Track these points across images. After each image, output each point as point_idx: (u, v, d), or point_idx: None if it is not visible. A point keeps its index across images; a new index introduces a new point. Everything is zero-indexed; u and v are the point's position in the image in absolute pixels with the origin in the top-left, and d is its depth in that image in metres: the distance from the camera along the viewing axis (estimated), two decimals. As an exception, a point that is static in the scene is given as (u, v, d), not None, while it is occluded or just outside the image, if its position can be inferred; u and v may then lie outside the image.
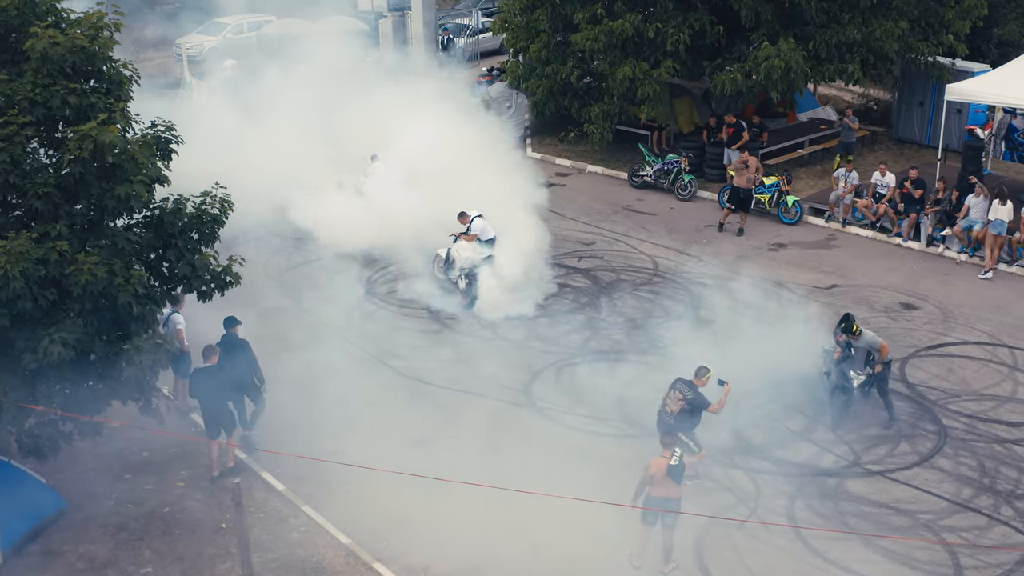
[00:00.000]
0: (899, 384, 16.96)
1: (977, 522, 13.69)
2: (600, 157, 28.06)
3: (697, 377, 14.07)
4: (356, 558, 12.90)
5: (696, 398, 13.93)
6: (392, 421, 15.81)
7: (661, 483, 12.37)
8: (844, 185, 23.08)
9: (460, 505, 13.46)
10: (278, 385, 16.58)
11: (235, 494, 10.77)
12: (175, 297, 14.52)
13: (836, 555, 13.01)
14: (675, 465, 12.30)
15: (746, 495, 14.21)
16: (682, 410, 13.92)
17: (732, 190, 23.33)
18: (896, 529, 13.50)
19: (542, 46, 27.55)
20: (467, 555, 12.91)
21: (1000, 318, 19.21)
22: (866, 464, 14.93)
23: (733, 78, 24.49)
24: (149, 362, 11.85)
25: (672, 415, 13.94)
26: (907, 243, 22.29)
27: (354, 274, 20.89)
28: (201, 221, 13.03)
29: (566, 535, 13.15)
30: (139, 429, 15.22)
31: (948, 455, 15.13)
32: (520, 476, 14.25)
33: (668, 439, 12.50)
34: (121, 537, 13.19)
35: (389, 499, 13.85)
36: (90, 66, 12.12)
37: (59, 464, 14.45)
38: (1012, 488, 14.37)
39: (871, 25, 24.81)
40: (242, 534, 10.95)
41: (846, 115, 26.65)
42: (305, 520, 13.62)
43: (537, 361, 17.70)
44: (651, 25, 25.00)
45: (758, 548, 13.12)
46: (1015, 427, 15.79)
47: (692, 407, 13.92)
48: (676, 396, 14.01)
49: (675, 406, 13.97)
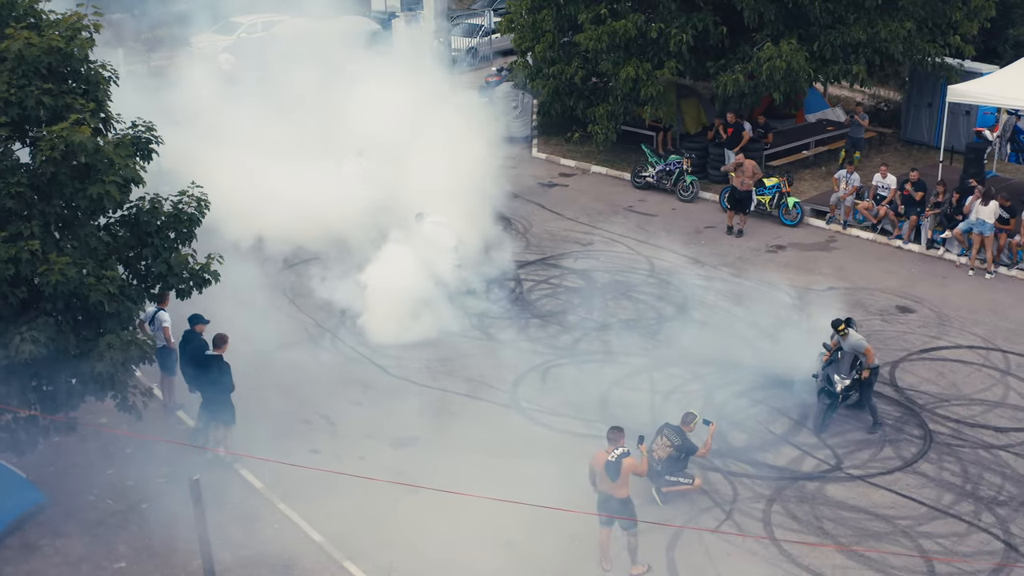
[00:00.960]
0: (888, 388, 16.84)
1: (956, 528, 13.54)
2: (604, 158, 28.00)
3: (684, 423, 14.08)
4: (328, 556, 12.96)
5: (684, 444, 13.92)
6: (375, 420, 15.92)
7: (602, 478, 12.42)
8: (845, 187, 22.91)
9: (434, 505, 13.55)
10: (265, 381, 16.85)
11: (194, 490, 10.81)
12: (161, 295, 14.75)
13: (809, 560, 12.93)
14: (612, 461, 12.28)
15: (723, 498, 14.14)
16: (670, 456, 13.90)
17: (731, 191, 23.25)
18: (873, 535, 13.39)
19: (547, 46, 27.56)
20: (438, 555, 12.96)
21: (996, 322, 19.01)
22: (847, 469, 14.81)
23: (735, 79, 24.37)
24: (120, 359, 11.95)
25: (660, 461, 13.90)
26: (907, 246, 22.10)
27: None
28: (178, 220, 13.17)
29: (538, 536, 13.21)
30: (125, 425, 15.58)
31: (932, 460, 14.99)
32: (497, 476, 14.42)
33: (614, 435, 12.47)
34: (98, 532, 13.33)
35: (365, 498, 13.93)
36: (66, 67, 12.25)
37: (44, 459, 14.72)
38: (994, 494, 14.21)
39: (876, 26, 24.62)
40: (202, 531, 11.01)
41: (856, 112, 26.41)
42: (280, 518, 13.70)
43: (524, 362, 17.70)
44: (654, 26, 24.94)
45: (730, 552, 13.06)
46: (1003, 432, 15.62)
47: (680, 452, 13.91)
48: (664, 443, 13.98)
49: (663, 452, 13.94)
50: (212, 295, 14.65)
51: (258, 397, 16.38)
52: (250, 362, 17.21)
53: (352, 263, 19.88)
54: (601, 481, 12.45)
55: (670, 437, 13.95)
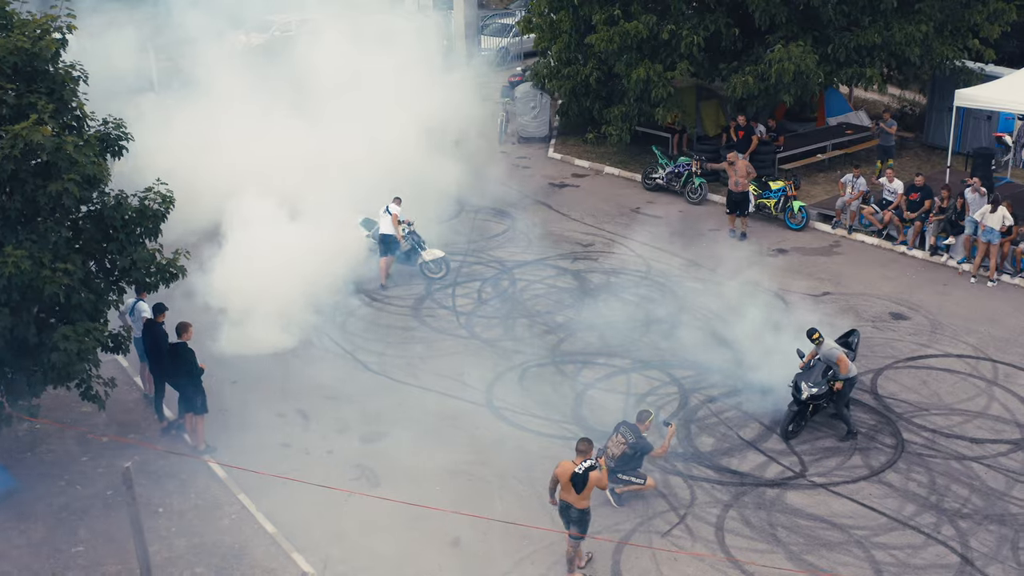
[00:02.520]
0: (867, 395, 16.64)
1: (913, 540, 13.36)
2: (619, 159, 27.96)
3: (640, 421, 14.03)
4: (277, 547, 13.19)
5: (639, 442, 13.86)
6: (348, 415, 16.14)
7: (566, 488, 12.40)
8: (851, 191, 22.62)
9: (387, 501, 13.74)
10: (248, 374, 17.18)
11: (126, 477, 11.10)
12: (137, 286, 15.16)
13: (757, 568, 12.83)
14: (579, 474, 12.24)
15: (679, 502, 14.10)
16: (624, 454, 13.86)
17: (728, 194, 23.02)
18: (825, 544, 13.26)
19: (563, 47, 27.61)
20: (385, 550, 13.12)
21: (991, 330, 18.65)
22: (811, 476, 14.68)
23: (745, 81, 24.18)
24: (75, 349, 12.32)
25: (614, 458, 13.87)
26: (911, 252, 21.75)
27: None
28: (143, 216, 13.52)
29: (485, 535, 13.33)
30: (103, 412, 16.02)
31: (900, 470, 14.78)
32: (457, 474, 14.60)
33: (583, 446, 12.44)
34: (62, 516, 13.71)
35: (323, 492, 14.12)
36: (32, 67, 12.65)
37: (24, 445, 15.24)
38: (959, 507, 13.98)
39: (892, 29, 24.25)
40: (134, 516, 11.29)
41: (883, 118, 25.99)
42: (238, 508, 13.97)
43: (505, 361, 17.80)
44: (666, 27, 24.86)
45: (678, 557, 13.03)
46: (978, 444, 15.35)
47: (635, 451, 13.86)
48: (619, 440, 13.95)
49: (617, 450, 13.91)
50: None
51: (239, 389, 16.76)
52: (236, 355, 17.72)
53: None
54: (564, 490, 12.46)
55: (625, 435, 13.92)
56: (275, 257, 18.65)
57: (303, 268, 18.94)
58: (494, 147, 29.32)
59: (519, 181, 26.79)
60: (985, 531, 13.50)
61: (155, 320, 15.33)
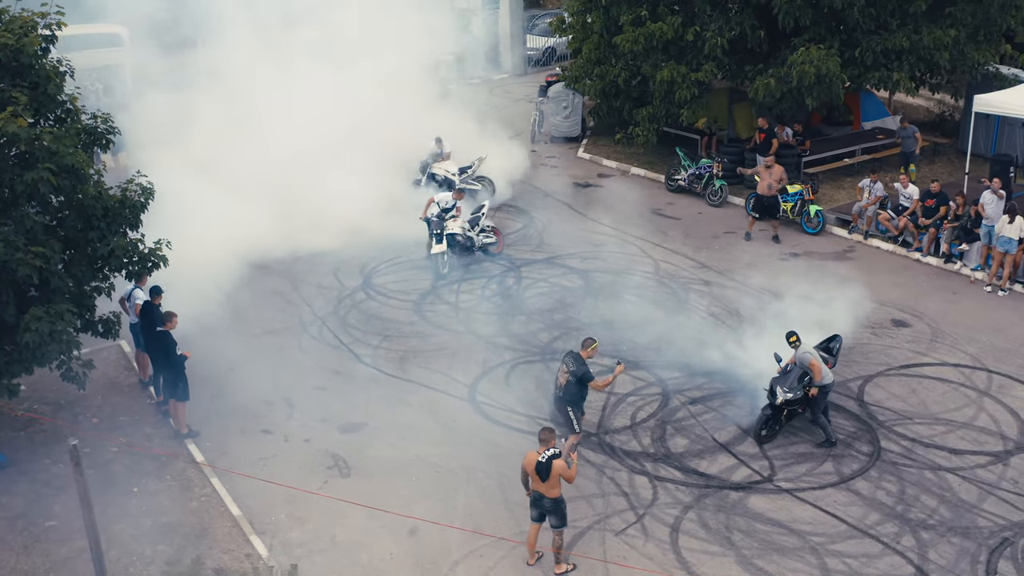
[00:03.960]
0: (852, 402, 16.47)
1: (870, 549, 13.22)
2: (646, 160, 27.94)
3: (583, 348, 14.51)
4: (238, 529, 13.61)
5: (579, 370, 14.30)
6: (333, 405, 16.51)
7: (534, 478, 12.59)
8: (868, 196, 22.30)
9: (354, 490, 14.19)
10: (245, 362, 17.65)
11: (73, 454, 11.56)
12: (138, 274, 15.75)
13: (705, 569, 12.85)
14: (542, 462, 12.45)
15: (641, 501, 14.15)
16: (568, 382, 14.33)
17: (756, 198, 22.92)
18: (778, 549, 13.20)
19: (593, 47, 27.68)
20: (344, 536, 13.44)
21: (993, 340, 18.27)
22: (778, 481, 14.61)
23: (767, 83, 23.98)
24: (47, 330, 12.89)
25: (560, 388, 14.41)
26: (925, 258, 21.37)
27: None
28: (124, 206, 14.06)
29: (446, 515, 13.63)
30: (99, 396, 16.69)
31: (871, 478, 14.61)
32: (426, 466, 14.88)
33: (545, 435, 12.64)
34: (42, 492, 14.29)
35: (294, 479, 14.56)
36: (15, 62, 13.26)
37: (18, 424, 15.92)
38: (925, 518, 13.78)
39: (920, 32, 23.82)
40: (83, 492, 11.76)
41: (902, 124, 25.58)
42: (209, 491, 14.42)
43: (496, 357, 18.00)
44: (690, 28, 24.78)
45: (627, 556, 13.08)
46: (957, 455, 15.09)
47: (576, 379, 14.30)
48: (563, 369, 14.43)
49: (562, 379, 14.42)
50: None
51: (233, 377, 17.18)
52: (237, 343, 18.26)
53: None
54: (534, 482, 12.67)
55: (568, 363, 14.38)
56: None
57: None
58: (526, 146, 29.50)
59: (544, 180, 26.96)
60: (947, 543, 13.30)
61: (151, 302, 15.89)
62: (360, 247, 22.24)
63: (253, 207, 22.34)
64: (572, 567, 12.92)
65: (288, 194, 22.93)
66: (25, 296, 13.45)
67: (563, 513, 12.74)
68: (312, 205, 22.83)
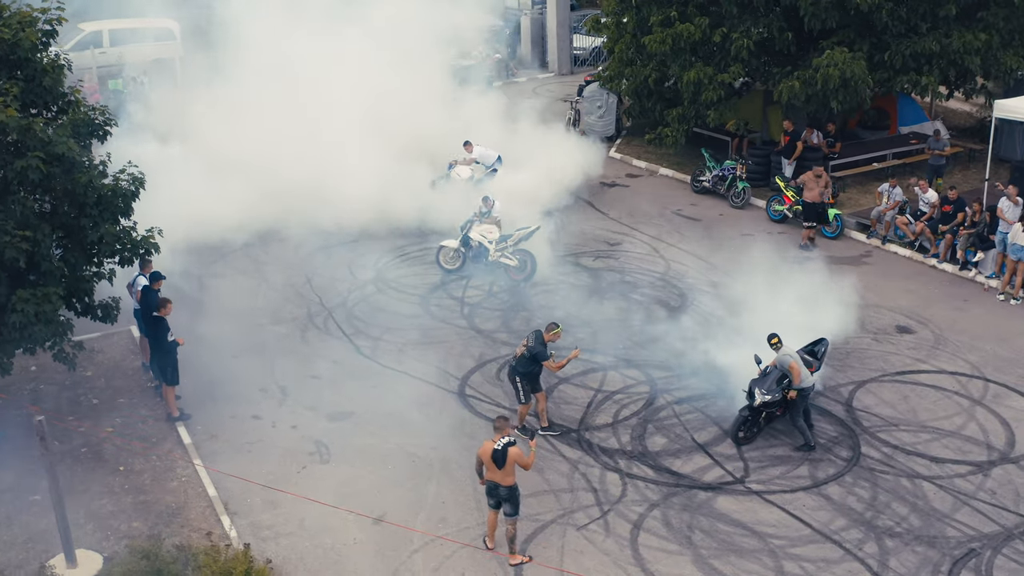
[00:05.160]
0: (839, 407, 16.33)
1: (830, 555, 13.14)
2: (675, 160, 27.88)
3: (546, 331, 15.21)
4: (212, 510, 14.08)
5: (535, 348, 15.03)
6: (324, 394, 16.91)
7: (489, 466, 12.82)
8: (886, 201, 21.99)
9: (330, 476, 14.63)
10: (248, 349, 18.17)
11: (39, 429, 12.10)
12: (144, 261, 16.40)
13: (659, 567, 12.91)
14: (498, 450, 12.67)
15: (609, 497, 14.25)
16: (522, 355, 15.08)
17: (806, 207, 22.51)
18: (736, 551, 13.20)
19: (625, 47, 27.70)
20: (313, 522, 13.77)
21: (997, 349, 17.92)
22: (750, 483, 14.58)
23: (791, 86, 23.76)
24: (32, 311, 13.49)
25: (515, 359, 15.21)
26: (941, 265, 21.01)
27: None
28: (115, 195, 14.62)
29: (411, 514, 13.89)
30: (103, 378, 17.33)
31: (845, 484, 14.50)
32: (403, 455, 15.18)
33: (500, 423, 12.89)
34: (32, 468, 14.81)
35: (274, 464, 15.01)
36: (13, 55, 13.89)
37: (22, 401, 16.63)
38: (892, 525, 13.64)
39: (951, 36, 23.38)
40: (50, 467, 12.31)
41: (935, 136, 25.03)
42: (191, 472, 14.91)
43: (492, 352, 18.23)
44: (718, 30, 24.68)
45: (584, 550, 13.21)
46: (937, 463, 14.88)
47: (531, 355, 15.02)
48: (524, 343, 15.20)
49: (520, 351, 15.21)
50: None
51: (234, 363, 17.70)
52: (243, 331, 18.80)
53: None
54: (489, 470, 12.93)
55: (529, 339, 15.21)
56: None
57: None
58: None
59: (571, 179, 27.03)
60: (911, 552, 13.17)
61: (151, 287, 16.47)
62: (384, 239, 22.75)
63: (282, 198, 23.12)
64: (528, 559, 13.10)
65: (323, 187, 23.48)
66: (19, 280, 14.04)
67: (518, 502, 12.95)
68: (347, 197, 23.29)
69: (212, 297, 20.21)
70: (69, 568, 12.34)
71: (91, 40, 32.15)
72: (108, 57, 32.06)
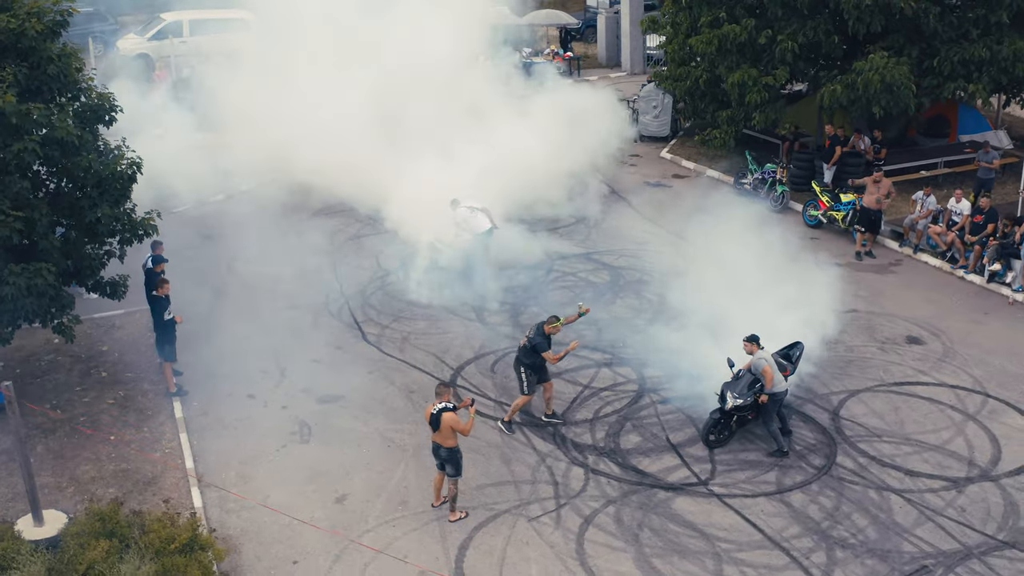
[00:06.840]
0: (825, 415, 16.06)
1: (775, 561, 12.99)
2: (724, 162, 27.61)
3: (547, 324, 15.48)
4: (185, 480, 14.73)
5: (535, 339, 15.37)
6: (320, 377, 17.44)
7: (430, 428, 13.56)
8: (920, 209, 21.39)
9: (307, 456, 15.19)
10: (259, 332, 18.82)
11: (8, 395, 12.86)
12: (155, 243, 17.26)
13: (598, 563, 12.98)
14: (434, 414, 13.43)
15: (568, 491, 14.37)
16: (524, 346, 15.43)
17: (862, 211, 22.10)
18: (679, 551, 13.16)
19: (678, 47, 27.57)
20: (277, 497, 14.26)
21: (1006, 364, 17.34)
22: (712, 485, 14.50)
23: (833, 90, 23.30)
24: (24, 284, 14.33)
25: (519, 349, 15.63)
26: (969, 276, 20.35)
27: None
28: (113, 178, 15.41)
29: (373, 495, 14.29)
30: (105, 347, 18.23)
31: (810, 492, 14.29)
32: (381, 440, 15.60)
33: (440, 389, 13.69)
34: (31, 433, 15.68)
35: (256, 441, 15.59)
36: (19, 44, 14.75)
37: (32, 370, 17.60)
38: (847, 536, 13.40)
39: (1002, 43, 22.58)
40: (16, 430, 13.03)
41: (985, 149, 24.17)
42: (175, 445, 15.60)
43: (492, 344, 18.47)
44: (763, 32, 24.37)
45: (529, 542, 13.37)
46: (911, 476, 14.53)
47: (531, 346, 15.32)
48: (527, 335, 15.57)
49: (523, 341, 15.59)
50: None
51: (242, 343, 18.35)
52: (258, 315, 19.49)
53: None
54: (432, 432, 13.63)
55: (530, 331, 15.55)
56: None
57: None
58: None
59: (616, 177, 27.10)
60: (860, 564, 12.93)
61: (153, 270, 17.26)
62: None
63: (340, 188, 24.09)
64: (464, 514, 13.79)
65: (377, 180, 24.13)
66: (21, 257, 14.90)
67: (458, 463, 13.64)
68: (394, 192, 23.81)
69: (238, 279, 20.96)
70: (36, 526, 13.10)
71: (171, 29, 33.60)
72: (187, 47, 33.44)
